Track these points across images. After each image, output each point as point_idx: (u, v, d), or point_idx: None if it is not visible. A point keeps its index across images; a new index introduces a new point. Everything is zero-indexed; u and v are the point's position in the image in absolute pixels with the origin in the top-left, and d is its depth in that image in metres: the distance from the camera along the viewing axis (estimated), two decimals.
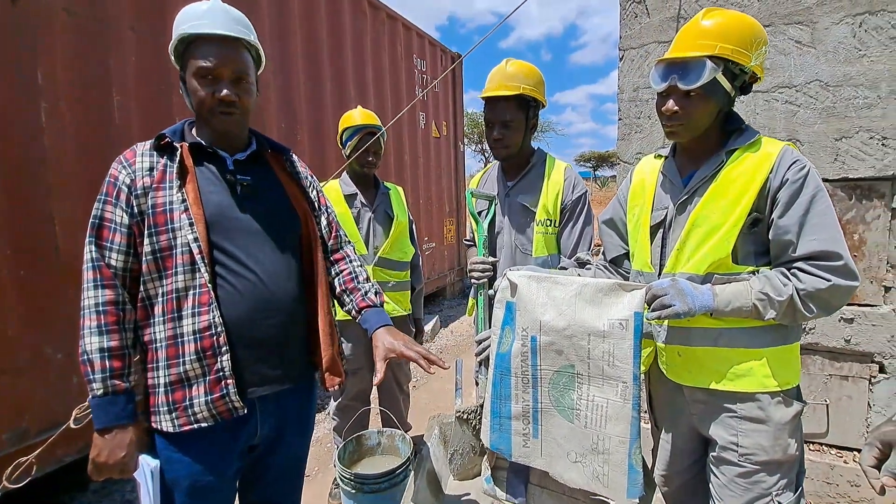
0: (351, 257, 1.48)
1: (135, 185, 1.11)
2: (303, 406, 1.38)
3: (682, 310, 1.08)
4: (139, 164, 1.13)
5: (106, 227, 1.10)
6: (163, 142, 1.16)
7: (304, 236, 1.34)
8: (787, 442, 1.15)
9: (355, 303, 1.40)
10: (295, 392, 1.31)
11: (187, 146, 1.18)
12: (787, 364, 1.17)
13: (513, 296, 1.26)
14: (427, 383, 3.98)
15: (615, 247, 1.49)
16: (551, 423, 1.19)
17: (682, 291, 1.10)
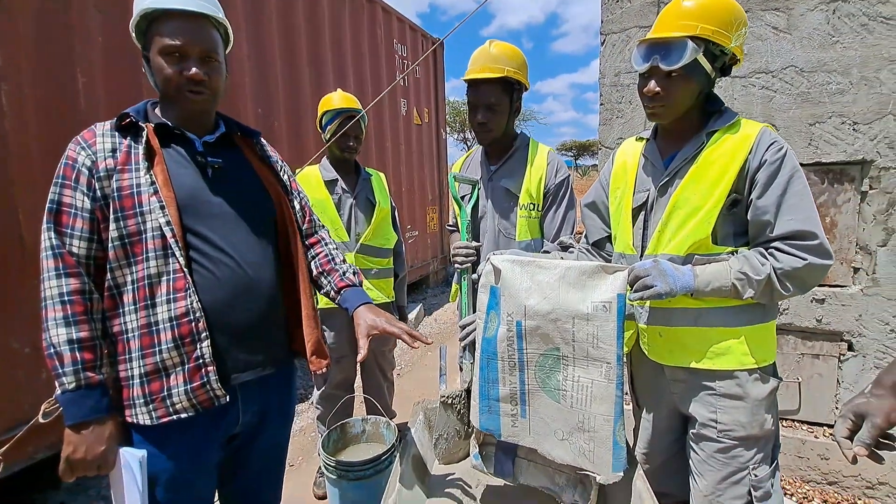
0: (326, 240, 1.45)
1: (96, 167, 1.05)
2: (283, 393, 1.36)
3: (663, 290, 1.09)
4: (100, 144, 1.07)
5: (65, 213, 1.04)
6: (125, 121, 1.10)
7: (279, 220, 1.31)
8: (763, 417, 1.18)
9: (333, 283, 1.37)
10: (276, 378, 1.29)
11: (152, 127, 1.12)
12: (764, 342, 1.20)
13: (497, 281, 1.26)
14: (411, 371, 3.99)
15: (597, 230, 1.50)
16: (538, 403, 1.20)
17: (663, 272, 1.11)
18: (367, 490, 1.94)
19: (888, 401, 0.92)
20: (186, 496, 1.17)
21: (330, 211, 2.12)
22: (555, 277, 1.17)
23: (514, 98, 1.72)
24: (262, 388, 1.26)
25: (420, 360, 4.23)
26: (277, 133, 3.64)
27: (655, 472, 1.45)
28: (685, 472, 1.43)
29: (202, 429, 1.15)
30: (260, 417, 1.28)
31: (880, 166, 2.04)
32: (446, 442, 1.54)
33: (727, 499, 1.22)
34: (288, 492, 2.39)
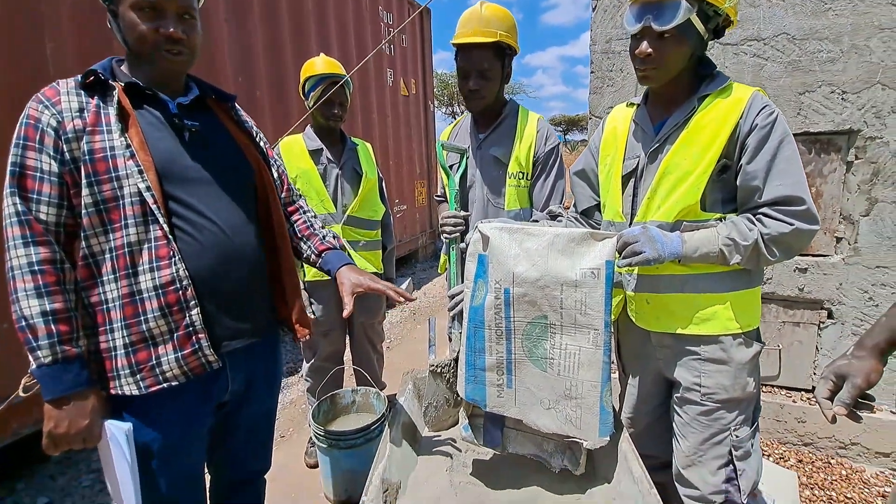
0: (305, 209, 1.44)
1: (63, 127, 0.99)
2: (270, 360, 1.35)
3: (652, 256, 1.09)
4: (65, 104, 1.01)
5: (30, 177, 0.98)
6: (90, 79, 1.03)
7: (258, 187, 1.27)
8: (745, 381, 1.21)
9: (314, 247, 1.37)
10: (262, 346, 1.29)
11: (122, 87, 1.06)
12: (749, 307, 1.21)
13: (485, 249, 1.25)
14: (401, 344, 4.01)
15: (586, 198, 1.49)
16: (525, 373, 1.21)
17: (652, 238, 1.11)
18: (358, 458, 1.97)
19: (868, 362, 0.94)
20: (179, 464, 1.17)
21: (315, 181, 2.07)
22: (543, 244, 1.16)
23: (506, 63, 1.67)
24: (248, 356, 1.25)
25: (409, 333, 4.25)
26: (259, 103, 3.53)
27: (640, 436, 1.49)
28: (668, 434, 1.47)
29: (193, 396, 1.14)
30: (247, 385, 1.28)
31: (867, 136, 2.05)
32: (435, 410, 1.55)
33: (708, 458, 1.26)
34: (279, 461, 2.43)
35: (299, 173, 2.06)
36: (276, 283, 1.32)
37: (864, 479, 2.00)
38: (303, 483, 2.21)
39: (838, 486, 1.96)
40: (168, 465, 1.15)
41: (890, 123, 2.00)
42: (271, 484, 2.21)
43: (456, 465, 1.37)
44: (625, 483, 1.17)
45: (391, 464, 1.26)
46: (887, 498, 1.88)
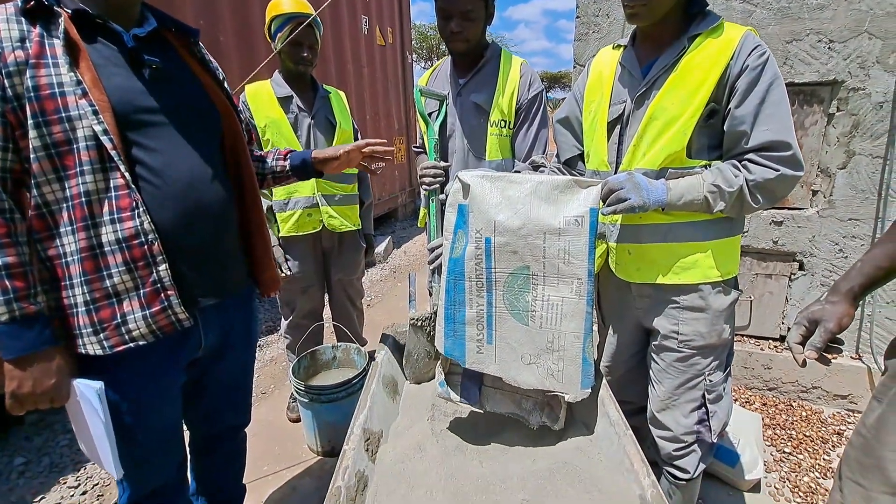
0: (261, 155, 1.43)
1: (3, 59, 0.88)
2: (245, 315, 1.32)
3: (637, 203, 1.06)
4: (4, 32, 0.89)
5: None
6: (31, 4, 0.91)
7: (226, 134, 1.19)
8: (722, 327, 1.23)
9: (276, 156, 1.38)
10: (235, 301, 1.25)
11: (69, 15, 0.95)
12: (730, 255, 1.21)
13: (465, 197, 1.20)
14: (382, 301, 4.01)
15: (570, 147, 1.44)
16: (505, 327, 1.19)
17: (637, 185, 1.08)
18: (339, 411, 1.99)
19: (842, 307, 0.96)
20: (152, 422, 1.15)
21: (286, 131, 1.95)
22: (526, 192, 1.13)
23: (489, 2, 1.57)
24: (221, 311, 1.21)
25: (390, 290, 4.24)
26: (224, 48, 3.28)
27: (617, 383, 1.53)
28: (644, 381, 1.51)
29: (162, 354, 1.10)
30: (221, 341, 1.24)
31: (850, 87, 2.03)
32: (416, 362, 1.55)
33: (682, 402, 1.30)
34: (261, 416, 2.44)
35: (268, 122, 1.94)
36: (247, 237, 1.26)
37: (822, 419, 2.12)
38: (285, 437, 2.23)
39: (798, 425, 2.08)
40: (140, 423, 1.12)
41: (874, 74, 1.98)
42: (254, 439, 2.23)
43: (437, 415, 1.38)
44: (601, 425, 1.20)
45: (372, 414, 1.26)
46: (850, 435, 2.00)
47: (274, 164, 1.35)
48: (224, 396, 1.36)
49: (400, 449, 1.21)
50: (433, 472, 1.12)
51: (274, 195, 2.04)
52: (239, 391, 1.42)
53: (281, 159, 1.35)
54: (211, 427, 1.41)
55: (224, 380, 1.33)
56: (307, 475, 1.98)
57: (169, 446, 1.23)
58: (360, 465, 1.09)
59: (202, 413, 1.37)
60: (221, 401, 1.37)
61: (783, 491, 1.76)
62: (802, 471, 1.84)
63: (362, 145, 1.32)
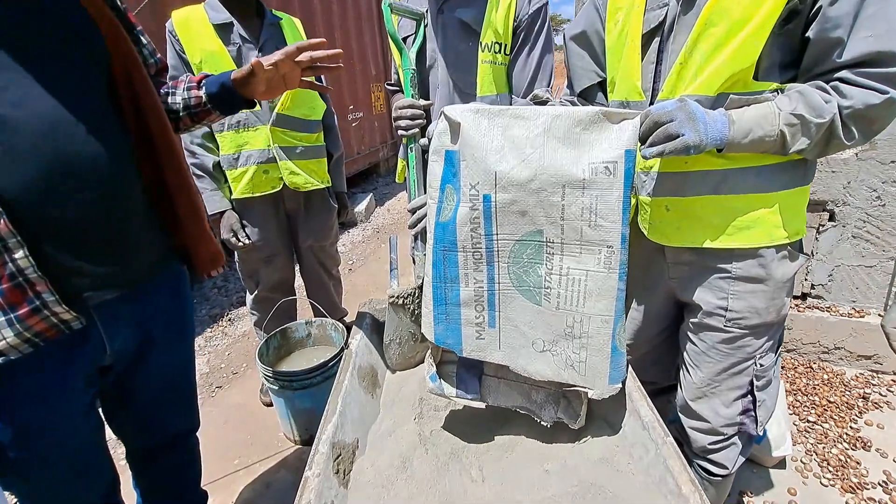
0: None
1: None
2: (171, 303, 1.04)
3: (692, 141, 0.77)
4: None
5: None
6: None
7: (116, 64, 0.85)
8: (782, 301, 0.98)
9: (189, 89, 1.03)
10: (154, 290, 0.97)
11: None
12: (799, 210, 0.94)
13: (455, 141, 0.90)
14: (364, 265, 3.73)
15: (587, 73, 1.12)
16: (512, 307, 0.93)
17: (692, 116, 0.78)
18: (316, 397, 1.75)
19: None
20: (54, 448, 0.89)
21: (227, 67, 1.57)
22: (537, 131, 0.82)
23: None
24: (132, 304, 0.93)
25: (373, 253, 3.95)
26: None
27: (638, 363, 1.28)
28: (670, 359, 1.28)
29: (51, 366, 0.83)
30: (140, 339, 0.97)
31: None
32: (399, 346, 1.29)
33: (725, 389, 1.07)
34: (232, 400, 2.20)
35: (204, 57, 1.55)
36: (164, 204, 0.95)
37: (844, 381, 1.96)
38: (259, 423, 2.00)
39: (821, 390, 1.91)
40: (37, 451, 0.86)
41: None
42: (224, 427, 2.01)
43: (426, 412, 1.14)
44: (630, 427, 0.97)
45: (344, 421, 1.00)
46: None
47: (187, 97, 1.00)
48: (158, 402, 1.10)
49: (381, 465, 0.97)
50: (422, 499, 0.88)
51: (221, 148, 1.68)
52: (177, 394, 1.15)
53: (194, 88, 1.00)
54: (148, 438, 1.16)
55: (154, 384, 1.06)
56: (283, 467, 1.77)
57: (87, 470, 0.99)
58: (327, 497, 0.85)
59: (133, 424, 1.11)
60: (156, 407, 1.10)
61: (811, 465, 1.60)
62: (830, 441, 1.68)
63: (292, 52, 0.96)
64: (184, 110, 1.00)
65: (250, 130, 1.65)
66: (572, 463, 0.95)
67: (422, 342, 1.32)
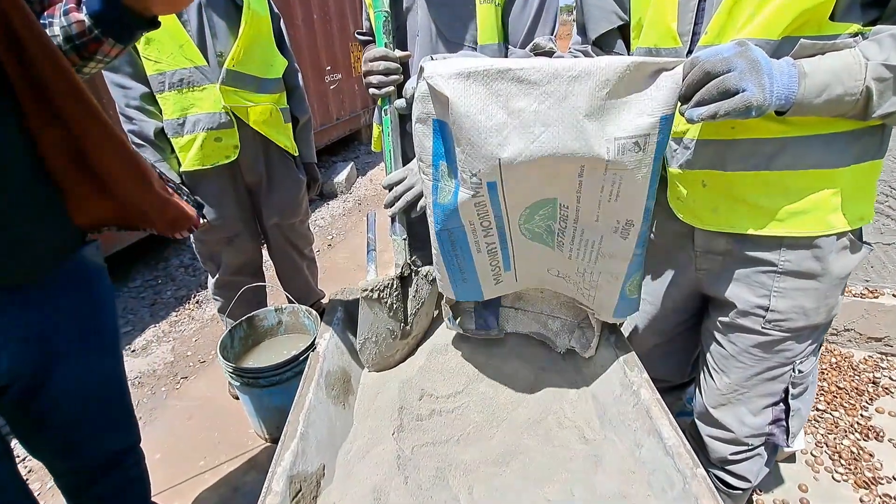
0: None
1: None
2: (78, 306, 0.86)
3: (756, 99, 0.57)
4: None
5: None
6: None
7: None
8: (836, 301, 0.82)
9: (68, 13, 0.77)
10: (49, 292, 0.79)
11: None
12: (868, 190, 0.76)
13: (443, 113, 0.69)
14: (345, 240, 3.51)
15: (606, 14, 0.89)
16: (525, 248, 0.86)
17: (756, 65, 0.58)
18: (286, 394, 1.57)
19: None
20: None
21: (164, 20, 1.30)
22: (549, 102, 0.62)
23: None
24: (17, 312, 0.74)
25: (355, 226, 3.73)
26: None
27: (647, 356, 1.13)
28: (685, 355, 1.13)
29: None
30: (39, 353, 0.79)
31: None
32: (375, 345, 1.12)
33: (754, 396, 0.91)
34: (199, 393, 2.01)
35: None
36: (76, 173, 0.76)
37: (852, 364, 1.85)
38: (227, 419, 1.83)
39: (829, 375, 1.80)
40: None
41: None
42: (190, 423, 1.84)
43: (406, 422, 0.98)
44: (648, 447, 0.82)
45: (307, 446, 0.84)
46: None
47: (66, 24, 0.74)
48: (79, 423, 0.92)
49: (350, 500, 0.80)
50: None
51: (164, 112, 1.42)
52: (103, 411, 0.97)
53: (73, 9, 0.74)
54: (75, 462, 0.98)
55: (70, 403, 0.88)
56: (253, 468, 1.61)
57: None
58: None
59: (53, 449, 0.93)
60: (76, 429, 0.92)
61: (822, 458, 1.49)
62: (840, 431, 1.58)
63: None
64: (66, 43, 0.75)
65: (196, 90, 1.39)
66: (580, 494, 0.80)
67: (400, 339, 1.15)
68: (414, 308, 1.15)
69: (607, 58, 0.61)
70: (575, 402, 1.00)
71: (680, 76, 0.60)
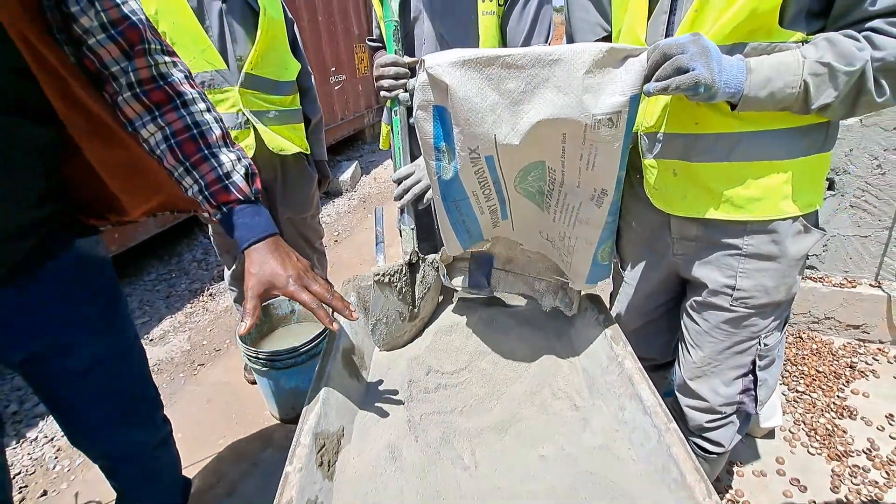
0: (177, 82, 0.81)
1: None
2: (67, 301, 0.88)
3: (704, 77, 0.68)
4: None
5: None
6: None
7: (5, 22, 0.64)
8: (794, 280, 0.92)
9: (206, 188, 0.80)
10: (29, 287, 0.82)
11: None
12: (816, 179, 0.87)
13: (443, 99, 0.80)
14: (350, 236, 3.62)
15: (591, 27, 1.00)
16: (520, 204, 1.00)
17: (706, 50, 0.69)
18: (301, 376, 1.69)
19: None
20: None
21: (187, 20, 1.41)
22: (535, 82, 0.74)
23: None
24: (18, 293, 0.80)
25: (359, 223, 3.84)
26: None
27: (632, 337, 1.23)
28: (668, 335, 1.23)
29: None
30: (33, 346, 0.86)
31: None
32: (386, 326, 1.23)
33: (725, 368, 1.02)
34: (216, 378, 2.14)
35: (161, 8, 1.39)
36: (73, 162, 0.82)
37: (832, 350, 1.97)
38: (244, 401, 1.94)
39: (810, 360, 1.92)
40: None
41: None
42: (208, 406, 1.95)
43: (415, 394, 1.09)
44: (630, 410, 0.93)
45: (327, 410, 0.94)
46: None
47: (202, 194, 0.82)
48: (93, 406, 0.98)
49: (368, 455, 0.91)
50: (411, 491, 0.83)
51: None
52: (119, 404, 1.01)
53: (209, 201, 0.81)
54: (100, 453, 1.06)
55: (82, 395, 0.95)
56: (269, 446, 1.73)
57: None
58: (310, 492, 0.79)
59: (73, 431, 1.02)
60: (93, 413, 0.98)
61: (799, 435, 1.60)
62: (818, 411, 1.69)
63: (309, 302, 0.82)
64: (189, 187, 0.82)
65: (216, 92, 1.51)
66: (570, 450, 0.91)
67: (409, 321, 1.26)
68: (421, 292, 1.26)
69: (583, 44, 0.72)
70: (567, 375, 1.11)
71: (645, 60, 0.71)
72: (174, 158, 0.80)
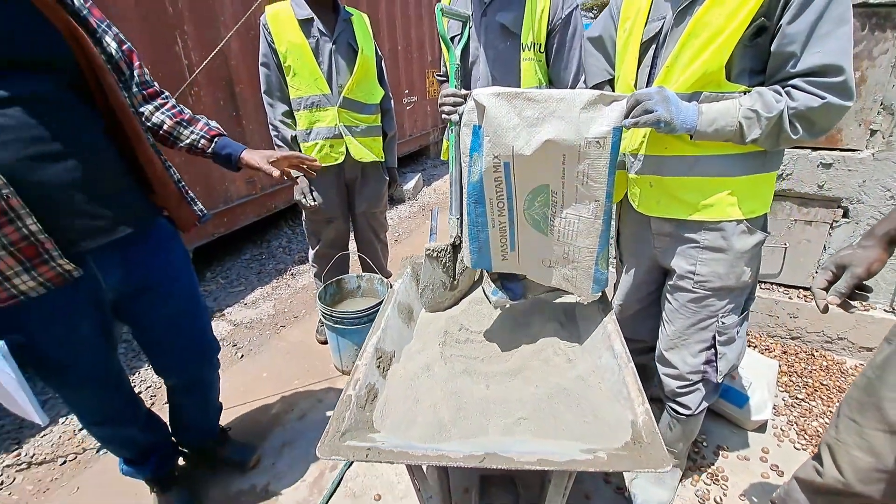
0: (167, 94, 1.35)
1: None
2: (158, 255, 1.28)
3: (664, 116, 1.00)
4: None
5: None
6: None
7: (83, 63, 1.02)
8: (742, 270, 1.20)
9: (201, 132, 1.35)
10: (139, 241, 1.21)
11: None
12: (758, 193, 1.15)
13: (480, 120, 1.18)
14: (409, 237, 4.07)
15: (599, 71, 1.35)
16: (526, 237, 1.25)
17: (666, 98, 1.02)
18: (362, 335, 2.10)
19: (874, 251, 0.91)
20: (69, 363, 1.17)
21: (307, 58, 1.91)
22: (545, 112, 1.09)
23: None
24: (123, 248, 1.17)
25: (418, 227, 4.29)
26: None
27: (628, 321, 1.54)
28: (657, 320, 1.51)
29: (60, 301, 1.09)
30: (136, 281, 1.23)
31: None
32: (432, 292, 1.60)
33: (692, 342, 1.30)
34: (294, 338, 2.62)
35: (290, 48, 1.90)
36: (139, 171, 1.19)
37: (843, 369, 2.08)
38: (314, 356, 2.40)
39: (816, 374, 2.05)
40: (54, 364, 1.15)
41: None
42: (286, 357, 2.42)
43: (449, 341, 1.45)
44: (605, 357, 1.23)
45: (385, 336, 1.33)
46: None
47: (196, 138, 1.33)
48: (168, 347, 1.39)
49: (410, 368, 1.29)
50: (439, 390, 1.19)
51: (297, 125, 2.04)
52: (183, 340, 1.40)
53: (206, 139, 1.33)
54: (169, 377, 1.49)
55: (159, 328, 1.34)
56: (331, 390, 2.15)
57: (100, 384, 1.26)
58: (370, 379, 1.18)
59: (160, 364, 1.45)
60: (166, 350, 1.40)
61: (789, 433, 1.78)
62: (812, 416, 1.84)
63: (292, 157, 1.40)
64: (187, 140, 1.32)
65: (321, 111, 1.99)
66: (555, 381, 1.23)
67: (449, 290, 1.62)
68: (461, 269, 1.63)
69: (583, 90, 1.07)
70: (567, 338, 1.42)
71: (625, 105, 1.04)
72: (172, 121, 1.31)
